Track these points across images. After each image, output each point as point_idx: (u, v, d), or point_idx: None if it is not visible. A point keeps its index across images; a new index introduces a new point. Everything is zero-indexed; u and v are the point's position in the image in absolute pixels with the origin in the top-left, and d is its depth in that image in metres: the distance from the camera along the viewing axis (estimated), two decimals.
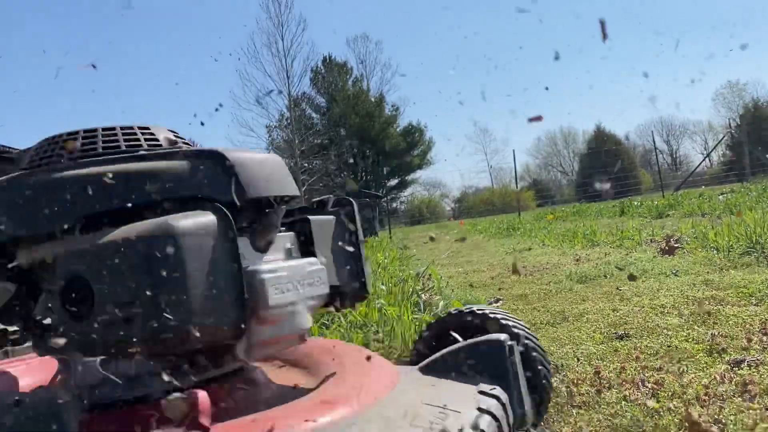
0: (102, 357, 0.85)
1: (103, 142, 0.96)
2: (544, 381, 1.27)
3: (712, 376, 1.58)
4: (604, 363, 1.86)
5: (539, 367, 1.27)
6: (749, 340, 1.85)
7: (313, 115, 35.99)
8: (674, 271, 3.35)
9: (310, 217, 1.05)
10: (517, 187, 22.15)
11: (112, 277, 0.78)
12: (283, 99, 28.70)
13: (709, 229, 4.62)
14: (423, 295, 3.40)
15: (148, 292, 0.76)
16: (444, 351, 1.12)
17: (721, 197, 9.60)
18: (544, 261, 4.94)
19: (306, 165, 27.35)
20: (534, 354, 1.27)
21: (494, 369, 1.07)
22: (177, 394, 0.74)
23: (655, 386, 1.56)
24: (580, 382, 1.71)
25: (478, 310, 1.36)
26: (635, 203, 11.92)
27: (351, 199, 1.10)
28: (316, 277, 0.96)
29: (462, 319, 1.36)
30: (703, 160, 27.19)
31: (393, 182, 39.79)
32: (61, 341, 0.81)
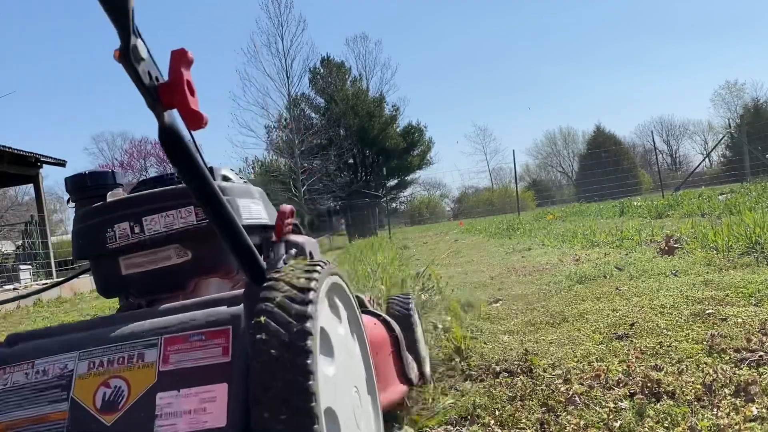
0: None
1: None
2: None
3: (712, 376, 1.58)
4: (604, 363, 1.86)
5: None
6: (749, 340, 1.85)
7: (313, 115, 35.98)
8: (674, 272, 3.34)
9: None
10: (516, 187, 22.12)
11: None
12: (283, 99, 28.63)
13: (708, 230, 4.61)
14: (423, 295, 3.40)
15: None
16: None
17: (720, 197, 9.60)
18: (543, 261, 4.93)
19: (306, 165, 27.32)
20: None
21: None
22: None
23: (654, 386, 1.56)
24: (578, 381, 1.71)
25: None
26: (635, 203, 11.92)
27: None
28: None
29: None
30: (703, 160, 27.21)
31: (393, 182, 39.76)
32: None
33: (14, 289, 7.76)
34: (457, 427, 1.53)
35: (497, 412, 1.55)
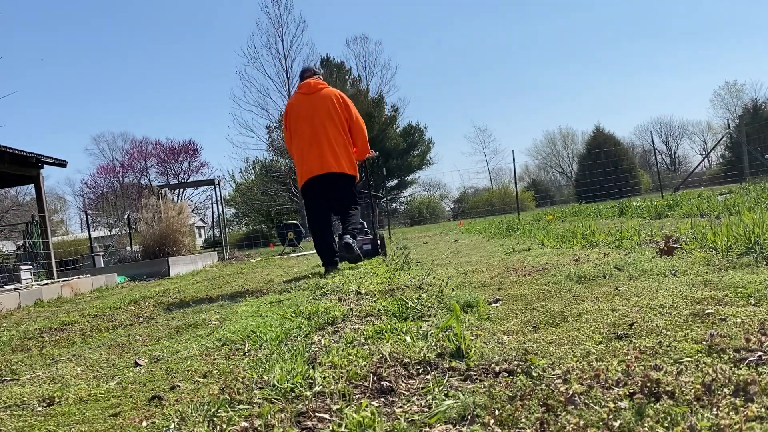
0: None
1: None
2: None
3: (711, 376, 1.58)
4: (603, 363, 1.86)
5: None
6: (748, 340, 1.85)
7: None
8: (673, 272, 3.35)
9: None
10: (516, 187, 22.13)
11: None
12: (283, 100, 28.54)
13: (707, 230, 4.62)
14: (423, 294, 3.40)
15: None
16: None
17: (720, 197, 9.61)
18: (543, 261, 4.94)
19: None
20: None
21: None
22: None
23: (654, 386, 1.57)
24: (578, 381, 1.71)
25: None
26: (634, 204, 11.92)
27: None
28: None
29: None
30: (702, 160, 27.22)
31: (393, 182, 39.74)
32: None
33: (15, 289, 7.77)
34: (457, 427, 1.54)
35: (497, 412, 1.55)
